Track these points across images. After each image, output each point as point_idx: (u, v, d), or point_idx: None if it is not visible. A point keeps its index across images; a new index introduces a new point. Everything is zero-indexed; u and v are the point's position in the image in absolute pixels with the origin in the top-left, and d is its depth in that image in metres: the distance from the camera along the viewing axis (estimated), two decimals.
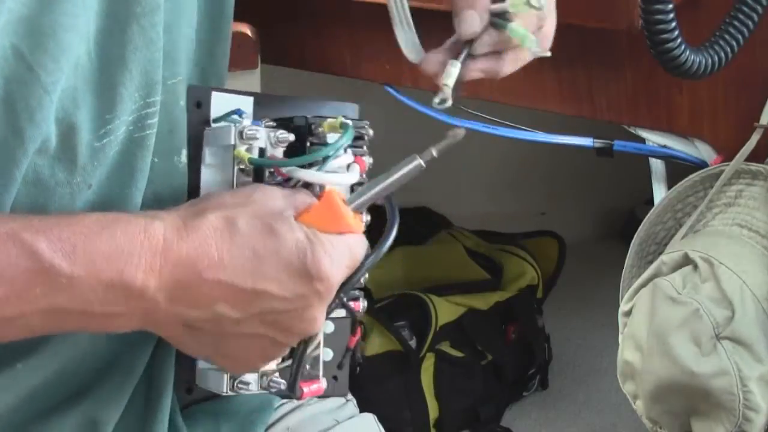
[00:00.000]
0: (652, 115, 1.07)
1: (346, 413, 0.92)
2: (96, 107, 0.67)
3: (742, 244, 0.97)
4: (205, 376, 0.78)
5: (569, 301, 2.11)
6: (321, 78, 1.25)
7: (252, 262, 0.64)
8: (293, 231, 0.65)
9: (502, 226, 2.14)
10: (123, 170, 0.70)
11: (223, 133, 0.74)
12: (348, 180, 0.74)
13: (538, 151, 1.40)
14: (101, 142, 0.67)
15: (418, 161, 0.71)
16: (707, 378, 0.92)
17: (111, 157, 0.68)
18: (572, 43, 1.08)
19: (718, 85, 1.01)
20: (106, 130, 0.67)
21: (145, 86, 0.69)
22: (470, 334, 1.83)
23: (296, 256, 0.64)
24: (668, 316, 0.95)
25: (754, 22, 0.94)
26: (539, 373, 1.92)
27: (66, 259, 0.60)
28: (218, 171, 0.76)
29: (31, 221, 0.61)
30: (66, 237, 0.61)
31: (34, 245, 0.60)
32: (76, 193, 0.67)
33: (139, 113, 0.69)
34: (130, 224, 0.63)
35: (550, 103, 1.12)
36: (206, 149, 0.76)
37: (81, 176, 0.67)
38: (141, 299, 0.62)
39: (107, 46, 0.66)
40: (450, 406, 1.77)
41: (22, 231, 0.60)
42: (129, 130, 0.69)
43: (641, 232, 1.07)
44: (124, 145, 0.69)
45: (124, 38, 0.67)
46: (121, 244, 0.62)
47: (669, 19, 0.90)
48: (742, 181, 1.00)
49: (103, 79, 0.66)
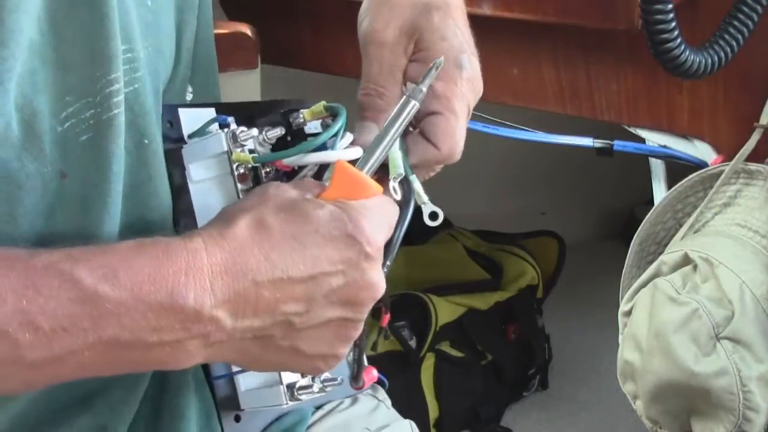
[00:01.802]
0: (652, 115, 1.07)
1: (379, 419, 0.88)
2: (55, 89, 0.63)
3: (742, 244, 0.97)
4: (255, 395, 0.76)
5: (569, 301, 2.11)
6: (321, 78, 1.25)
7: (297, 250, 0.63)
8: (322, 206, 0.64)
9: (502, 226, 2.14)
10: (96, 156, 0.65)
11: (212, 143, 0.72)
12: (355, 154, 0.71)
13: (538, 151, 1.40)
14: (64, 126, 0.64)
15: (413, 102, 0.70)
16: (707, 378, 0.92)
17: (81, 143, 0.65)
18: (572, 43, 1.08)
19: (718, 85, 1.02)
20: (68, 113, 0.63)
21: (102, 62, 0.64)
22: (470, 334, 1.83)
23: (335, 227, 0.64)
24: (668, 316, 0.95)
25: (754, 22, 0.94)
26: (539, 373, 1.92)
27: (109, 284, 0.58)
28: (212, 183, 0.74)
29: (69, 252, 0.59)
30: (105, 262, 0.58)
31: (74, 274, 0.57)
32: (49, 184, 0.64)
33: (102, 92, 0.64)
34: (169, 245, 0.60)
35: (550, 103, 1.12)
36: (190, 166, 0.74)
37: (51, 165, 0.64)
38: (199, 321, 0.60)
39: (57, 22, 0.62)
40: (450, 406, 1.77)
41: (61, 262, 0.58)
42: (96, 112, 0.65)
43: (641, 232, 1.07)
44: (93, 128, 0.65)
45: (74, 11, 0.63)
46: (164, 264, 0.59)
47: (669, 19, 0.90)
48: (741, 180, 1.00)
49: (58, 58, 0.63)
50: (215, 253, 0.61)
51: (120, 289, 0.58)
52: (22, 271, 0.57)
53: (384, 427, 0.88)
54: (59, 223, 0.66)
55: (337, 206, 0.65)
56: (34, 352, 0.57)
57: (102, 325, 0.58)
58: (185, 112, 0.75)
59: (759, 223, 0.98)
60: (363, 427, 0.86)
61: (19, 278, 0.57)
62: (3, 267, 0.57)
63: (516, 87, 1.13)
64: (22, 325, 0.56)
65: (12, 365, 0.57)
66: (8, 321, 0.56)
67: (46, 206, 0.64)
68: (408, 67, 0.76)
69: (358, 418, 0.86)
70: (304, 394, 0.74)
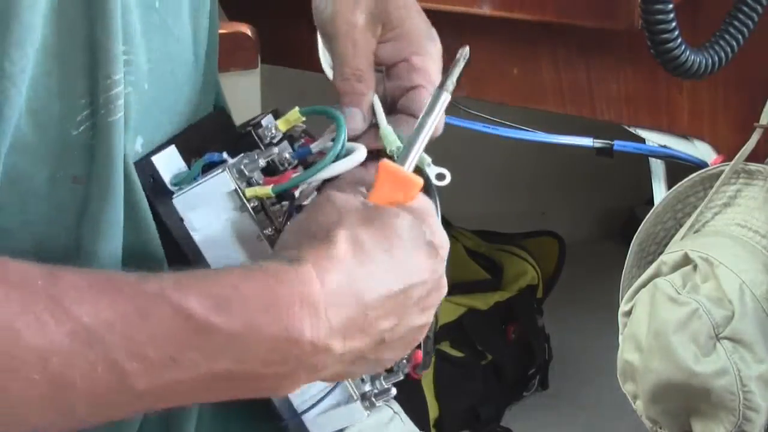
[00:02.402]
0: (652, 115, 1.07)
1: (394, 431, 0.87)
2: (69, 92, 0.62)
3: (742, 244, 0.97)
4: (327, 418, 0.74)
5: (569, 301, 2.11)
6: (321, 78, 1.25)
7: (390, 264, 0.62)
8: (399, 215, 0.64)
9: (502, 226, 2.14)
10: (102, 160, 0.64)
11: (214, 185, 0.68)
12: (362, 156, 0.70)
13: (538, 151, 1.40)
14: (79, 130, 0.62)
15: (445, 95, 0.69)
16: (707, 378, 0.92)
17: (90, 146, 0.63)
18: (572, 43, 1.08)
19: (718, 85, 1.01)
20: (82, 116, 0.62)
21: (105, 62, 0.62)
22: (470, 334, 1.83)
23: (417, 236, 0.64)
24: (668, 316, 0.95)
25: (754, 22, 0.94)
26: (539, 373, 1.92)
27: (221, 316, 0.56)
28: (221, 226, 0.69)
29: (178, 278, 0.57)
30: (216, 292, 0.56)
31: (185, 304, 0.55)
32: (61, 189, 0.63)
33: (107, 93, 0.63)
34: (279, 272, 0.58)
35: (550, 103, 1.12)
36: (189, 215, 0.69)
37: (63, 169, 0.63)
38: (314, 354, 0.58)
39: (70, 23, 0.61)
40: (450, 406, 1.77)
41: (171, 290, 0.56)
42: (101, 114, 0.63)
43: (641, 232, 1.07)
44: (99, 130, 0.63)
45: (85, 13, 0.61)
46: (277, 294, 0.58)
47: (669, 19, 0.90)
48: (741, 180, 1.00)
49: (70, 60, 0.61)
50: (327, 280, 0.59)
51: (232, 321, 0.56)
52: (130, 297, 0.56)
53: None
54: (66, 228, 0.64)
55: (408, 212, 0.65)
56: (141, 381, 0.55)
57: (215, 359, 0.56)
58: (158, 160, 0.70)
59: (759, 223, 0.98)
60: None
61: (127, 305, 0.55)
62: (111, 291, 0.56)
63: (516, 87, 1.13)
64: (130, 354, 0.55)
65: (118, 394, 0.56)
66: (116, 349, 0.54)
67: (57, 211, 0.64)
68: (378, 49, 0.75)
69: (373, 426, 0.85)
70: (382, 400, 0.74)
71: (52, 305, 0.54)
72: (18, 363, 0.53)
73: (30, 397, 0.54)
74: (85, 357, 0.54)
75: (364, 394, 0.74)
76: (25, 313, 0.53)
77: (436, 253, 0.65)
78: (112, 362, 0.54)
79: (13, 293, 0.53)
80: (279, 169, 0.71)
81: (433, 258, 0.64)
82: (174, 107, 0.74)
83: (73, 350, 0.53)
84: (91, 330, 0.54)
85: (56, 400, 0.54)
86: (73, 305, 0.54)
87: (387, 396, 0.74)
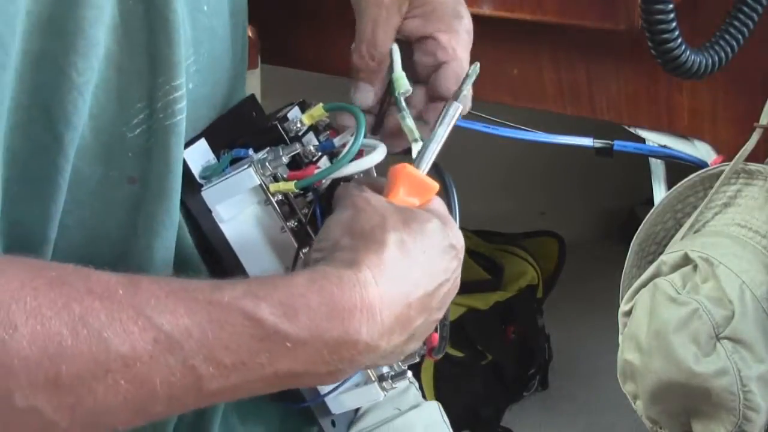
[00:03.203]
0: (652, 115, 1.07)
1: (409, 401, 0.92)
2: (127, 96, 0.66)
3: (742, 244, 0.97)
4: (346, 398, 0.79)
5: (569, 301, 2.11)
6: (321, 78, 1.25)
7: (427, 265, 0.67)
8: (432, 221, 0.69)
9: (502, 226, 2.14)
10: (160, 161, 0.68)
11: (240, 180, 0.72)
12: (382, 154, 0.74)
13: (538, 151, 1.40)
14: (135, 132, 0.66)
15: (458, 105, 0.74)
16: (707, 378, 0.92)
17: (147, 149, 0.67)
18: (572, 43, 1.08)
19: (718, 85, 1.01)
20: (139, 119, 0.66)
21: (167, 69, 0.67)
22: (470, 334, 1.83)
23: (443, 239, 0.69)
24: (668, 316, 0.95)
25: (754, 22, 0.94)
26: (539, 373, 1.92)
27: (289, 324, 0.60)
28: (245, 218, 0.73)
29: (249, 287, 0.61)
30: (285, 300, 0.61)
31: (257, 313, 0.60)
32: (115, 188, 0.67)
33: (165, 98, 0.67)
34: (341, 278, 0.63)
35: (550, 103, 1.12)
36: (217, 207, 0.73)
37: (118, 170, 0.66)
38: (368, 353, 0.63)
39: (132, 31, 0.65)
40: (450, 406, 1.76)
41: (243, 299, 0.60)
42: (159, 117, 0.67)
43: (641, 232, 1.07)
44: (157, 133, 0.68)
45: (144, 21, 0.65)
46: (339, 301, 0.62)
47: (669, 19, 0.90)
48: (741, 181, 1.00)
49: (130, 67, 0.65)
50: (383, 284, 0.64)
51: (299, 328, 0.61)
52: (205, 305, 0.59)
53: (414, 407, 0.92)
54: (119, 226, 0.68)
55: (433, 215, 0.69)
56: (213, 383, 0.59)
57: (279, 360, 0.61)
58: (189, 154, 0.74)
59: (759, 223, 0.98)
60: (394, 407, 0.91)
61: (203, 313, 0.59)
62: (187, 299, 0.59)
63: (516, 87, 1.13)
64: (206, 359, 0.59)
65: (191, 395, 0.60)
66: (194, 355, 0.58)
67: (110, 210, 0.67)
68: (404, 24, 0.79)
69: (389, 398, 0.89)
70: (398, 382, 0.78)
71: (135, 314, 0.57)
72: (106, 370, 0.57)
73: (115, 402, 0.57)
74: (165, 363, 0.58)
75: (382, 375, 0.79)
76: (112, 323, 0.57)
77: (457, 254, 0.70)
78: (190, 367, 0.58)
79: (98, 304, 0.57)
80: (303, 162, 0.74)
81: (456, 260, 0.70)
82: (212, 102, 0.78)
83: (155, 356, 0.57)
84: (171, 337, 0.58)
85: (137, 403, 0.58)
86: (154, 314, 0.58)
87: (403, 378, 0.78)
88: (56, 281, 0.57)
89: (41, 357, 0.55)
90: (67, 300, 0.56)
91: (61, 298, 0.56)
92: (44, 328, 0.55)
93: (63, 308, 0.56)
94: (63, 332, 0.56)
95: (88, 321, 0.56)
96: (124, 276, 0.60)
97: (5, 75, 0.59)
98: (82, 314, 0.56)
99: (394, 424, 0.90)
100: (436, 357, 0.78)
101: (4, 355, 0.54)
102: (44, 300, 0.56)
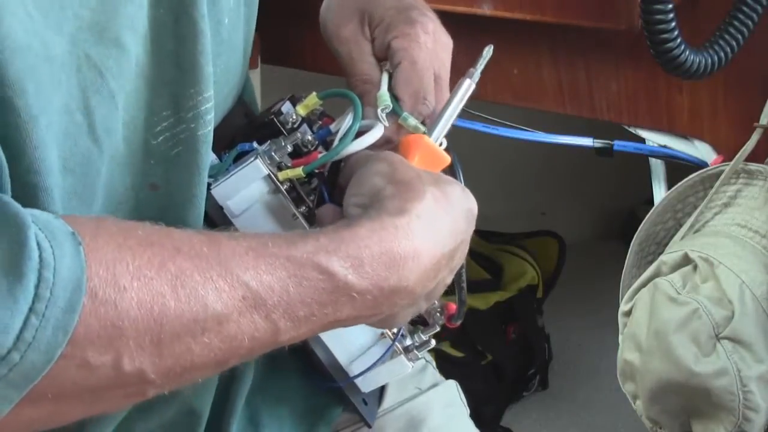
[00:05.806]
0: (652, 115, 1.07)
1: (428, 380, 0.95)
2: (154, 104, 0.66)
3: (742, 244, 0.97)
4: (376, 375, 0.82)
5: (569, 301, 2.11)
6: (321, 78, 1.25)
7: (448, 226, 0.69)
8: (454, 183, 0.72)
9: (502, 226, 2.14)
10: (186, 169, 0.69)
11: (248, 173, 0.73)
12: (381, 131, 0.77)
13: (538, 151, 1.40)
14: (158, 140, 0.67)
15: (470, 82, 0.78)
16: (707, 378, 0.92)
17: (172, 157, 0.68)
18: (572, 43, 1.08)
19: (718, 85, 1.01)
20: (162, 127, 0.67)
21: (198, 79, 0.67)
22: (470, 334, 1.83)
23: (465, 202, 0.71)
24: (668, 316, 0.95)
25: (754, 22, 0.94)
26: (539, 373, 1.92)
27: (356, 275, 0.63)
28: (256, 209, 0.74)
29: (321, 243, 0.63)
30: (353, 252, 0.63)
31: (330, 267, 0.62)
32: (137, 195, 0.67)
33: (196, 109, 0.68)
34: (398, 227, 0.65)
35: (550, 103, 1.12)
36: (228, 203, 0.74)
37: (141, 177, 0.67)
38: (408, 297, 0.66)
39: (160, 41, 0.65)
40: None
41: (317, 254, 0.62)
42: (189, 127, 0.68)
43: (641, 232, 1.07)
44: (184, 143, 0.68)
45: (175, 31, 0.66)
46: (396, 250, 0.64)
47: (669, 19, 0.90)
48: (741, 181, 1.00)
49: (158, 76, 0.66)
50: (425, 233, 0.66)
51: (364, 280, 0.63)
52: (283, 261, 0.61)
53: (433, 386, 0.95)
54: None
55: (459, 184, 0.72)
56: (286, 335, 0.62)
57: (342, 309, 0.63)
58: None
59: (759, 223, 0.98)
60: (414, 386, 0.93)
61: (281, 269, 0.61)
62: (267, 256, 0.60)
63: (516, 87, 1.13)
64: (284, 313, 0.60)
65: (266, 348, 0.62)
66: (275, 310, 0.60)
67: (132, 216, 0.67)
68: (374, 47, 0.82)
69: (409, 377, 0.92)
70: (425, 349, 0.81)
71: (224, 272, 0.58)
72: (203, 328, 0.57)
73: (207, 359, 0.59)
74: (251, 319, 0.59)
75: (407, 347, 0.81)
76: (206, 282, 0.58)
77: (474, 218, 0.72)
78: (272, 322, 0.60)
79: (189, 263, 0.58)
80: (303, 151, 0.76)
81: (472, 224, 0.72)
82: (223, 108, 0.80)
83: (243, 313, 0.59)
84: (257, 294, 0.59)
85: (222, 358, 0.60)
86: (239, 271, 0.59)
87: (428, 346, 0.81)
88: (145, 241, 0.57)
89: (148, 318, 0.55)
90: (162, 259, 0.57)
91: (155, 258, 0.56)
92: (149, 288, 0.55)
93: (160, 268, 0.56)
94: (165, 292, 0.56)
95: (184, 280, 0.57)
96: (203, 233, 0.61)
97: (54, 66, 0.58)
98: (177, 273, 0.57)
99: (415, 402, 0.91)
100: (455, 324, 0.80)
101: (115, 317, 0.54)
102: (142, 261, 0.56)
